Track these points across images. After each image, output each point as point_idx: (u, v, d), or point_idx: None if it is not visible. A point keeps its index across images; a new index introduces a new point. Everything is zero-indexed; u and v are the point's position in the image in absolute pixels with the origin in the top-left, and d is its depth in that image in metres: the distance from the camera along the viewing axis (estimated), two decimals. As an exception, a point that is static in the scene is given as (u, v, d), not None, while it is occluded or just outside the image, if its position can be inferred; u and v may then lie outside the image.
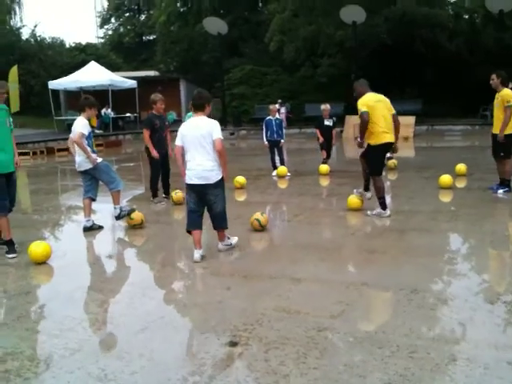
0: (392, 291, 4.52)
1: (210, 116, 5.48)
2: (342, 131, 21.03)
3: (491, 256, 5.56)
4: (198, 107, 5.42)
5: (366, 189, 7.56)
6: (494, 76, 8.27)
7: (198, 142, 5.27)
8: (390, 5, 26.84)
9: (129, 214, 6.98)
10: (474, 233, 6.27)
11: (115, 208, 7.04)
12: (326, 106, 11.69)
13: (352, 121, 21.80)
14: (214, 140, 5.25)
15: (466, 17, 31.41)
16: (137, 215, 7.00)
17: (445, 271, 5.01)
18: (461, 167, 10.32)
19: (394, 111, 7.15)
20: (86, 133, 6.74)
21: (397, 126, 7.10)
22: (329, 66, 28.93)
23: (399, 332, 3.61)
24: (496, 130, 8.37)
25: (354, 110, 22.45)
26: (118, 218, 7.06)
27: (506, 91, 8.17)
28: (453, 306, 4.01)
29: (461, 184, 9.62)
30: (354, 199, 7.49)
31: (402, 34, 26.38)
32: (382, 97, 7.16)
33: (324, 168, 11.35)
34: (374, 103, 6.94)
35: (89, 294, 4.76)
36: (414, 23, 26.34)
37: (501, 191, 8.46)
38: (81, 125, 6.71)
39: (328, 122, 11.59)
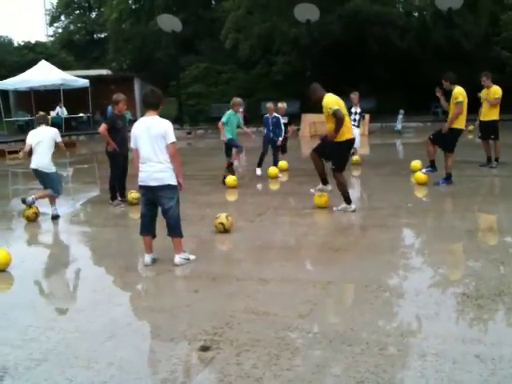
0: (358, 288, 4.58)
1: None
2: (298, 129, 21.13)
3: (453, 251, 5.69)
4: (150, 105, 5.25)
5: (325, 182, 7.57)
6: (442, 82, 8.79)
7: (150, 143, 5.11)
8: (343, 3, 27.14)
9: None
10: (434, 228, 6.42)
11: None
12: (282, 105, 11.89)
13: (308, 119, 21.95)
14: (168, 144, 5.12)
15: (416, 14, 32.10)
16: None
17: (408, 267, 5.11)
18: (416, 164, 10.54)
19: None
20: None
21: None
22: (284, 63, 28.99)
23: (368, 329, 3.66)
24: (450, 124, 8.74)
25: (309, 109, 22.29)
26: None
27: (456, 89, 8.55)
28: (418, 302, 4.09)
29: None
30: (319, 198, 7.55)
31: (354, 31, 26.74)
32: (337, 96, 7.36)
33: (281, 166, 11.52)
34: (339, 101, 7.11)
35: (51, 302, 4.62)
36: (367, 21, 26.74)
37: (441, 182, 8.94)
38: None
39: (284, 120, 11.79)
